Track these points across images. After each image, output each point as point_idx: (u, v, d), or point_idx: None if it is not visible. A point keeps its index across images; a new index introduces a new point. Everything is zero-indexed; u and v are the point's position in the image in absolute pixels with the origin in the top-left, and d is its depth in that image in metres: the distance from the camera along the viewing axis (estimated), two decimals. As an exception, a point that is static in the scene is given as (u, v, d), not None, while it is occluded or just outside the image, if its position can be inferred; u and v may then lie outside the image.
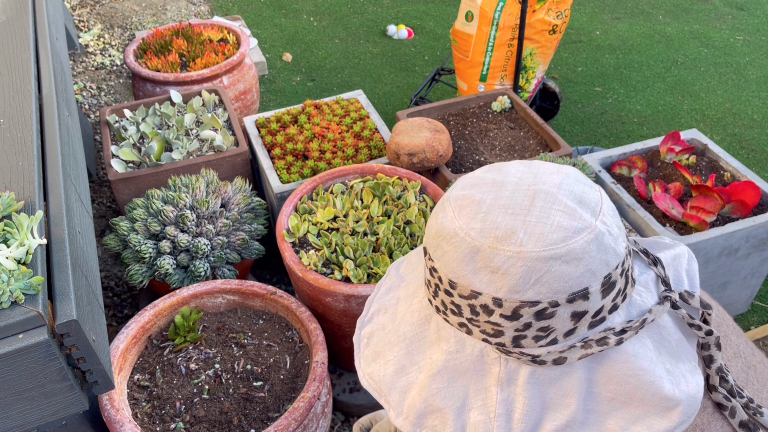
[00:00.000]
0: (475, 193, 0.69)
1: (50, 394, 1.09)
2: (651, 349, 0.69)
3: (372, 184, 1.80)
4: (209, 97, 2.31)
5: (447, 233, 0.68)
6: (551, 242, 0.63)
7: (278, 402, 1.38)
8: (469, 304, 0.67)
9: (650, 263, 0.76)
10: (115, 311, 2.11)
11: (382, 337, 0.81)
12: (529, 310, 0.65)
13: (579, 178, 0.70)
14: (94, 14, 3.81)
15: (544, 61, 2.64)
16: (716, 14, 3.99)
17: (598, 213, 0.66)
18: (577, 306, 0.65)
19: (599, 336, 0.67)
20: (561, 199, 0.66)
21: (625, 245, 0.68)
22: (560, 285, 0.64)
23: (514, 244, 0.64)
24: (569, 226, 0.64)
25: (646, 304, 0.71)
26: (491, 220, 0.66)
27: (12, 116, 1.46)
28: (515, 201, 0.67)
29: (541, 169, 0.71)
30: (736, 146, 2.92)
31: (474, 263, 0.66)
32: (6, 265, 1.03)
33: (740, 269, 1.91)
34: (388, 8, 4.09)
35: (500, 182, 0.70)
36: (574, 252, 0.63)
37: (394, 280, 0.88)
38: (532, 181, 0.69)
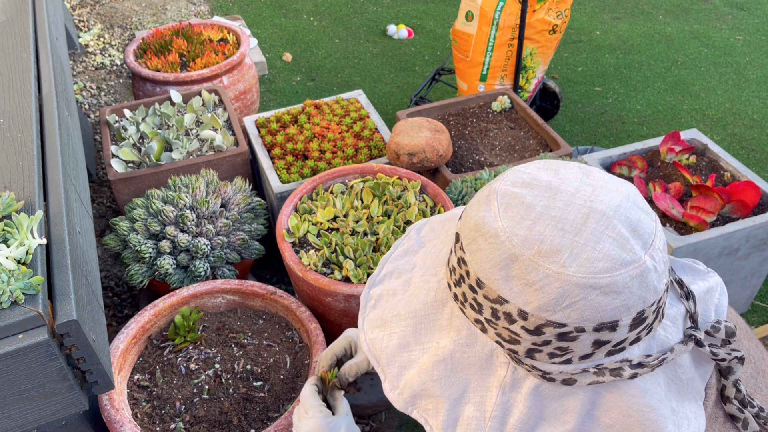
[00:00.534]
0: (526, 194, 0.65)
1: (50, 394, 1.09)
2: (662, 386, 0.67)
3: (372, 184, 1.80)
4: (209, 97, 2.31)
5: (487, 231, 0.64)
6: (595, 271, 0.60)
7: (278, 402, 1.38)
8: (492, 307, 0.65)
9: (682, 296, 0.73)
10: (115, 311, 2.11)
11: (391, 304, 0.78)
12: (553, 330, 0.62)
13: (638, 201, 0.66)
14: (94, 14, 3.81)
15: (544, 61, 2.64)
16: (716, 14, 3.99)
17: (649, 246, 0.63)
18: (602, 335, 0.63)
19: (614, 366, 0.65)
20: (615, 225, 0.62)
21: (666, 281, 0.65)
22: (592, 314, 0.61)
23: (556, 263, 0.61)
24: (617, 257, 0.61)
25: (670, 341, 0.69)
26: (538, 231, 0.62)
27: (12, 116, 1.46)
28: (568, 216, 0.63)
29: (601, 182, 0.66)
30: (736, 146, 2.92)
31: (509, 270, 0.63)
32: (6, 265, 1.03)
33: (740, 269, 1.91)
34: (388, 8, 4.09)
35: (555, 188, 0.65)
36: (615, 285, 0.61)
37: (413, 242, 0.84)
38: (589, 196, 0.64)
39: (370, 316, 0.79)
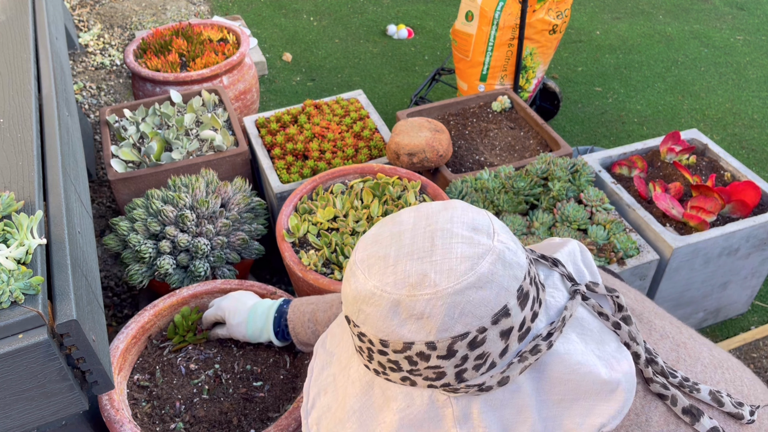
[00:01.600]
0: (378, 250, 0.71)
1: (50, 394, 1.09)
2: (578, 342, 0.72)
3: (372, 184, 1.80)
4: (209, 97, 2.31)
5: (364, 296, 0.70)
6: (461, 274, 0.66)
7: (278, 402, 1.38)
8: (406, 356, 0.69)
9: (551, 265, 0.80)
10: (115, 311, 2.11)
11: (330, 418, 0.80)
12: (461, 343, 0.66)
13: (465, 207, 0.73)
14: (94, 14, 3.80)
15: (544, 61, 2.64)
16: (716, 14, 3.99)
17: (493, 234, 0.70)
18: (502, 325, 0.67)
19: (530, 346, 0.70)
20: (457, 232, 0.69)
21: (525, 255, 0.72)
22: (482, 310, 0.66)
23: (429, 287, 0.66)
24: (472, 254, 0.67)
25: (560, 302, 0.75)
26: (401, 271, 0.68)
27: (12, 116, 1.46)
28: (417, 246, 0.69)
29: (430, 209, 0.74)
30: (736, 146, 2.92)
31: (398, 315, 0.67)
32: (6, 265, 1.03)
33: (740, 269, 1.91)
34: (388, 8, 4.09)
35: (398, 233, 0.72)
36: (484, 276, 0.66)
37: (324, 357, 0.88)
38: (425, 223, 0.71)
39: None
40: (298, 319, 1.26)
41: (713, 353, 0.86)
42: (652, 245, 1.76)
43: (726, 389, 0.81)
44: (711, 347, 0.88)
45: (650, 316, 0.86)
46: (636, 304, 0.87)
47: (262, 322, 1.33)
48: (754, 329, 2.04)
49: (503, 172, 1.91)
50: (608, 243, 1.73)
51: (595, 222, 1.78)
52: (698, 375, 0.81)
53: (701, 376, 0.81)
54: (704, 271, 1.83)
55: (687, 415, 0.75)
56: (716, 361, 0.85)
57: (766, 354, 1.95)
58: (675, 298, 1.88)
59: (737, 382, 0.83)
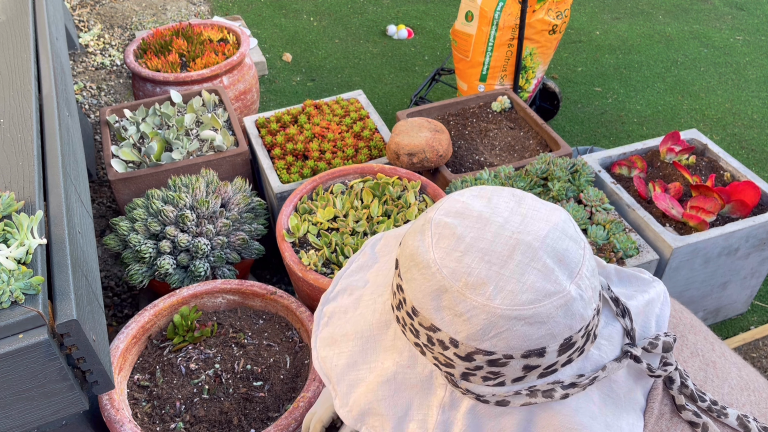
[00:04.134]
0: (457, 225, 0.68)
1: (50, 394, 1.09)
2: (596, 403, 0.69)
3: (372, 184, 1.80)
4: (209, 97, 2.31)
5: (420, 261, 0.67)
6: (519, 303, 0.63)
7: (278, 402, 1.38)
8: (427, 334, 0.67)
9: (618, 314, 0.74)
10: (115, 311, 2.11)
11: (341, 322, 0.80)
12: (482, 357, 0.65)
13: (567, 230, 0.68)
14: (94, 14, 3.81)
15: (544, 61, 2.64)
16: (716, 14, 3.99)
17: (575, 275, 0.65)
18: (530, 361, 0.65)
19: (546, 387, 0.67)
20: (540, 257, 0.65)
21: (595, 306, 0.68)
22: (518, 343, 0.64)
23: (482, 296, 0.63)
24: (541, 289, 0.63)
25: (603, 359, 0.71)
26: (466, 264, 0.65)
27: (12, 116, 1.46)
28: (495, 248, 0.65)
29: (531, 211, 0.69)
30: (736, 146, 2.92)
31: (439, 301, 0.65)
32: (6, 265, 1.03)
33: (740, 269, 1.91)
34: (388, 8, 4.09)
35: (486, 219, 0.68)
36: (540, 316, 0.63)
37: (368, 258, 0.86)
38: (517, 227, 0.67)
39: (322, 333, 0.82)
40: None
41: (741, 374, 0.83)
42: (652, 245, 1.76)
43: (752, 412, 0.79)
44: (740, 367, 0.85)
45: (684, 330, 0.82)
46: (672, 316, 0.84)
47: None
48: (753, 329, 2.04)
49: (503, 172, 1.91)
50: (608, 243, 1.73)
51: (594, 222, 1.78)
52: (725, 397, 0.78)
53: (728, 398, 0.78)
54: (704, 271, 1.83)
55: None
56: (743, 382, 0.82)
57: (765, 354, 1.95)
58: (675, 297, 1.88)
59: (762, 405, 0.81)
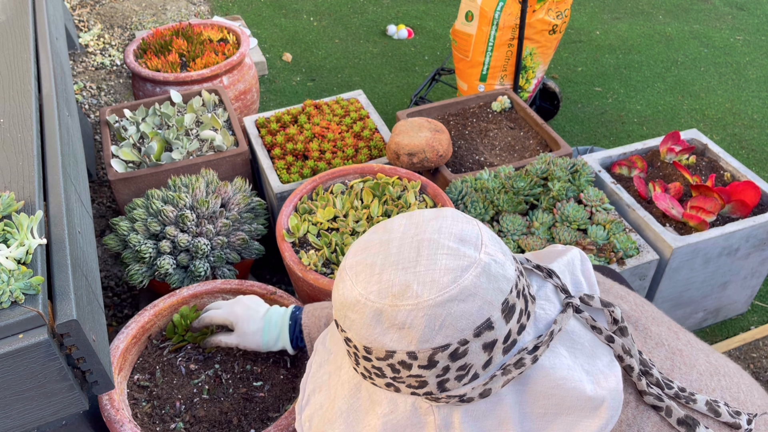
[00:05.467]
0: (366, 257, 0.72)
1: (50, 394, 1.09)
2: (566, 356, 0.72)
3: (372, 184, 1.80)
4: (209, 97, 2.31)
5: (350, 302, 0.70)
6: (443, 286, 0.66)
7: (278, 402, 1.38)
8: (389, 364, 0.69)
9: (545, 276, 0.78)
10: (115, 311, 2.11)
11: (321, 417, 0.82)
12: (443, 354, 0.66)
13: (457, 217, 0.73)
14: (94, 14, 3.81)
15: (544, 61, 2.64)
16: (716, 14, 3.99)
17: (480, 246, 0.69)
18: (485, 338, 0.67)
19: (515, 359, 0.69)
20: (443, 243, 0.69)
21: (515, 267, 0.71)
22: (463, 323, 0.66)
23: (411, 298, 0.66)
24: (456, 266, 0.66)
25: (550, 315, 0.74)
26: (386, 280, 0.68)
27: (12, 116, 1.46)
28: (403, 255, 0.69)
29: (421, 218, 0.74)
30: (736, 146, 2.92)
31: (381, 324, 0.68)
32: (6, 265, 1.03)
33: (740, 269, 1.91)
34: (388, 8, 4.09)
35: (387, 241, 0.72)
36: (467, 289, 0.66)
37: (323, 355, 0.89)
38: (414, 232, 0.71)
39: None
40: (313, 324, 1.24)
41: (710, 359, 0.85)
42: (652, 245, 1.76)
43: (722, 397, 0.80)
44: (708, 353, 0.87)
45: (647, 322, 0.85)
46: (633, 310, 0.86)
47: (277, 331, 1.29)
48: (753, 329, 2.04)
49: (503, 172, 1.91)
50: (608, 243, 1.73)
51: (594, 222, 1.78)
52: (694, 383, 0.80)
53: (697, 384, 0.80)
54: (704, 271, 1.83)
55: (682, 426, 0.74)
56: (713, 368, 0.84)
57: (765, 354, 1.95)
58: (675, 298, 1.88)
59: (734, 389, 0.83)
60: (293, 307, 1.31)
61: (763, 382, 1.88)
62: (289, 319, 1.29)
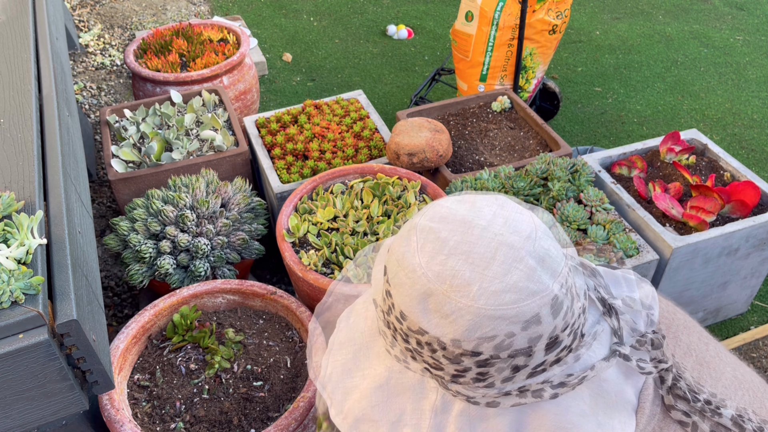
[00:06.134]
0: (442, 230, 0.68)
1: (50, 393, 1.09)
2: (586, 402, 0.70)
3: (372, 184, 1.80)
4: (209, 97, 2.31)
5: (407, 265, 0.68)
6: (503, 302, 0.63)
7: (278, 402, 1.38)
8: (416, 338, 0.68)
9: (605, 313, 0.75)
10: (115, 311, 2.11)
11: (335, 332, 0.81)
12: (470, 359, 0.65)
13: (546, 232, 0.69)
14: (94, 14, 3.81)
15: (544, 61, 2.64)
16: (716, 14, 3.99)
17: (558, 274, 0.66)
18: (518, 360, 0.66)
19: (536, 387, 0.68)
20: (523, 257, 0.65)
21: (580, 305, 0.68)
22: (504, 342, 0.64)
23: (466, 297, 0.64)
24: (524, 288, 0.64)
25: (592, 358, 0.71)
26: (450, 266, 0.65)
27: (12, 116, 1.46)
28: (478, 250, 0.66)
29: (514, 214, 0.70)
30: (736, 146, 2.92)
31: (426, 303, 0.66)
32: (6, 265, 1.03)
33: (740, 269, 1.91)
34: (388, 8, 4.09)
35: (469, 222, 0.68)
36: (524, 315, 0.63)
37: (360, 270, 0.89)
38: (499, 230, 0.68)
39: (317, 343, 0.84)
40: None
41: (736, 373, 0.83)
42: (652, 245, 1.76)
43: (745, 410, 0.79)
44: (735, 366, 0.85)
45: (677, 330, 0.83)
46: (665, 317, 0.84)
47: None
48: (753, 329, 2.04)
49: (503, 172, 1.91)
50: (608, 243, 1.73)
51: (594, 222, 1.78)
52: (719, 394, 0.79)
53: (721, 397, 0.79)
54: (704, 271, 1.83)
55: None
56: (738, 381, 0.82)
57: (765, 354, 1.95)
58: (675, 297, 1.88)
59: (756, 404, 0.81)
60: None
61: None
62: None
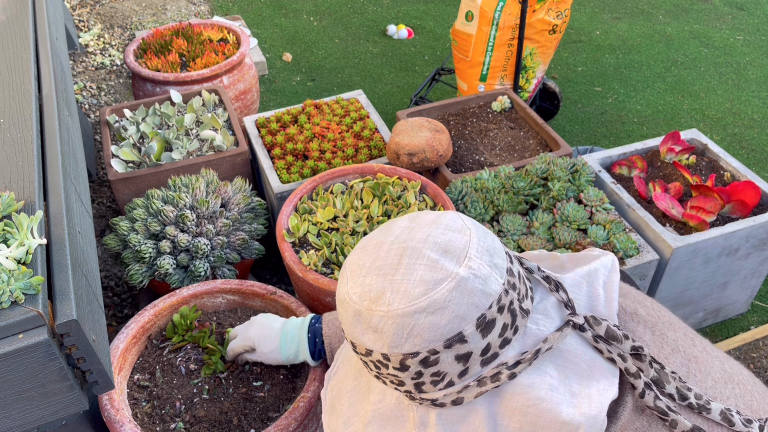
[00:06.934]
0: (360, 257, 0.74)
1: (50, 394, 1.09)
2: (553, 376, 0.70)
3: (372, 184, 1.80)
4: (209, 97, 2.31)
5: (340, 298, 0.73)
6: (414, 297, 0.67)
7: (278, 402, 1.38)
8: (370, 360, 0.72)
9: (551, 289, 0.76)
10: (115, 311, 2.11)
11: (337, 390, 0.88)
12: (413, 361, 0.68)
13: (450, 225, 0.72)
14: (94, 14, 3.81)
15: (544, 61, 2.64)
16: (716, 14, 3.99)
17: (463, 259, 0.68)
18: (457, 349, 0.68)
19: (492, 372, 0.69)
20: (425, 253, 0.69)
21: (503, 281, 0.69)
22: (431, 335, 0.67)
23: (384, 304, 0.68)
24: (430, 279, 0.67)
25: (544, 332, 0.73)
26: (367, 284, 0.70)
27: (12, 116, 1.46)
28: (387, 261, 0.71)
29: (419, 222, 0.74)
30: (736, 146, 2.92)
31: (360, 324, 0.70)
32: (6, 265, 1.03)
33: (740, 269, 1.91)
34: (388, 8, 4.09)
35: (380, 243, 0.74)
36: (437, 303, 0.66)
37: None
38: (405, 238, 0.72)
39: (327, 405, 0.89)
40: (334, 335, 1.23)
41: (725, 367, 0.85)
42: (652, 245, 1.76)
43: (736, 405, 0.80)
44: (723, 360, 0.86)
45: (663, 328, 0.84)
46: (650, 315, 0.85)
47: (296, 345, 1.27)
48: (753, 329, 2.04)
49: (503, 172, 1.91)
50: (608, 243, 1.73)
51: (594, 222, 1.78)
52: (708, 391, 0.80)
53: (711, 392, 0.80)
54: (704, 271, 1.83)
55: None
56: (727, 375, 0.83)
57: (765, 354, 1.95)
58: (675, 298, 1.88)
59: (747, 397, 0.82)
60: (310, 317, 1.29)
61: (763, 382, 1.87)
62: (307, 332, 1.27)
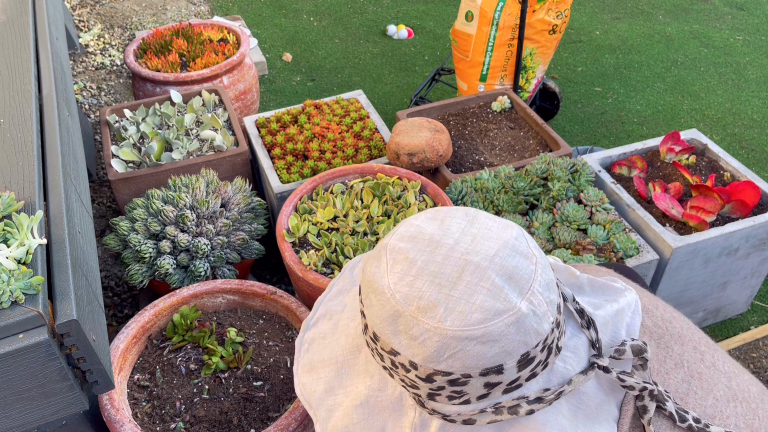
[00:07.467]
0: (410, 250, 0.68)
1: (50, 394, 1.09)
2: (565, 416, 0.69)
3: (372, 184, 1.80)
4: (209, 97, 2.31)
5: (377, 287, 0.68)
6: (469, 323, 0.63)
7: (278, 402, 1.38)
8: (390, 358, 0.68)
9: (583, 326, 0.74)
10: (115, 311, 2.11)
11: (320, 348, 0.82)
12: (442, 378, 0.65)
13: (518, 247, 0.67)
14: (94, 14, 3.81)
15: (544, 61, 2.64)
16: (716, 14, 3.99)
17: (527, 291, 0.65)
18: (490, 378, 0.65)
19: (512, 403, 0.67)
20: (489, 276, 0.64)
21: (552, 320, 0.67)
22: (473, 362, 0.64)
23: (433, 318, 0.63)
24: (490, 308, 0.63)
25: (569, 372, 0.70)
26: (417, 288, 0.65)
27: (12, 116, 1.46)
28: (444, 270, 0.65)
29: (483, 230, 0.68)
30: (736, 146, 2.92)
31: (396, 325, 0.66)
32: (6, 265, 1.03)
33: (740, 269, 1.91)
34: (388, 8, 4.09)
35: (437, 242, 0.68)
36: (491, 335, 0.63)
37: (347, 282, 0.87)
38: (466, 248, 0.67)
39: (303, 360, 0.84)
40: None
41: (731, 384, 0.81)
42: (652, 245, 1.76)
43: (737, 424, 0.77)
44: (731, 377, 0.82)
45: (670, 340, 0.81)
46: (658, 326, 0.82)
47: None
48: (753, 329, 2.04)
49: (503, 172, 1.91)
50: (608, 243, 1.73)
51: (594, 222, 1.78)
52: (708, 409, 0.77)
53: (711, 410, 0.77)
54: (704, 271, 1.83)
55: None
56: (731, 393, 0.80)
57: (765, 354, 1.95)
58: (675, 298, 1.88)
59: (749, 416, 0.79)
60: None
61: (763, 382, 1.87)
62: None
